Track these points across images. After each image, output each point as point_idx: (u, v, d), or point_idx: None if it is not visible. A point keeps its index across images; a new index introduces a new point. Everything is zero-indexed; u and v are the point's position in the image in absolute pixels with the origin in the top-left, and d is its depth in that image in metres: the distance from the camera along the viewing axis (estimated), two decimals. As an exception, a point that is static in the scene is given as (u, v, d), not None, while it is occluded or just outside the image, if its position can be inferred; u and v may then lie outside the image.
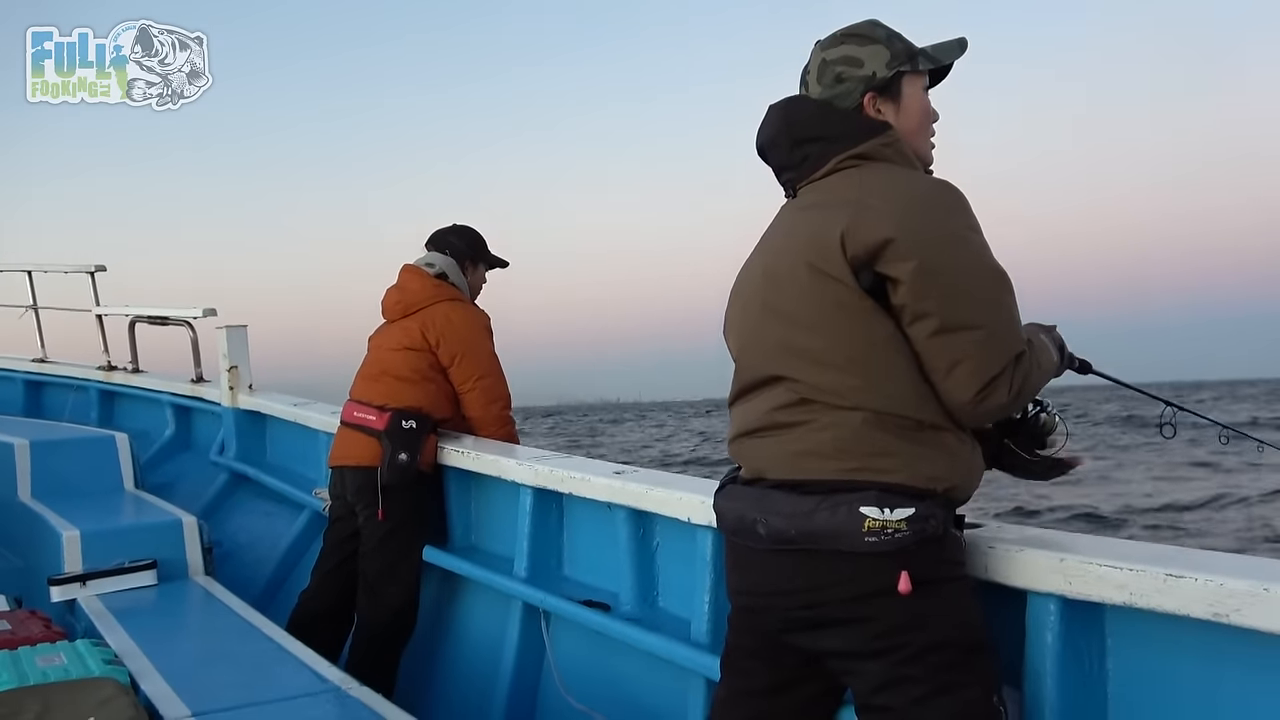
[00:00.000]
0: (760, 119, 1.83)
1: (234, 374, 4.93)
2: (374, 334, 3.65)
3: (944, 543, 1.59)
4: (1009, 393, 1.59)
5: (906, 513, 1.54)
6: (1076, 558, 1.63)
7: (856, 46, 1.74)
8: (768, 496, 1.65)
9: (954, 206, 1.62)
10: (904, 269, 1.56)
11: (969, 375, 1.57)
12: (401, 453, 3.32)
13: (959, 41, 1.81)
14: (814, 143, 1.73)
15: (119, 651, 2.67)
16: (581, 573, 3.03)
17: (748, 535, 1.68)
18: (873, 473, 1.56)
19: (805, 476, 1.60)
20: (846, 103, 1.73)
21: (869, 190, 1.63)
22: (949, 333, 1.57)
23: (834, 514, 1.55)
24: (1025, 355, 1.63)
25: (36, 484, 4.32)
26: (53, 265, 6.55)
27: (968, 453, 1.65)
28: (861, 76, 1.73)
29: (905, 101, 1.76)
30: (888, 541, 1.53)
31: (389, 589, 3.35)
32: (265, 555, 4.47)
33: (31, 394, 6.71)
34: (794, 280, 1.66)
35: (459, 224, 3.74)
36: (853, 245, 1.58)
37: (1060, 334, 1.88)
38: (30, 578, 3.78)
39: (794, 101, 1.79)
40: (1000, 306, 1.61)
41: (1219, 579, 1.46)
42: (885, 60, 1.73)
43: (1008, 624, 1.75)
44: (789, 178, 1.79)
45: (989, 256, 1.62)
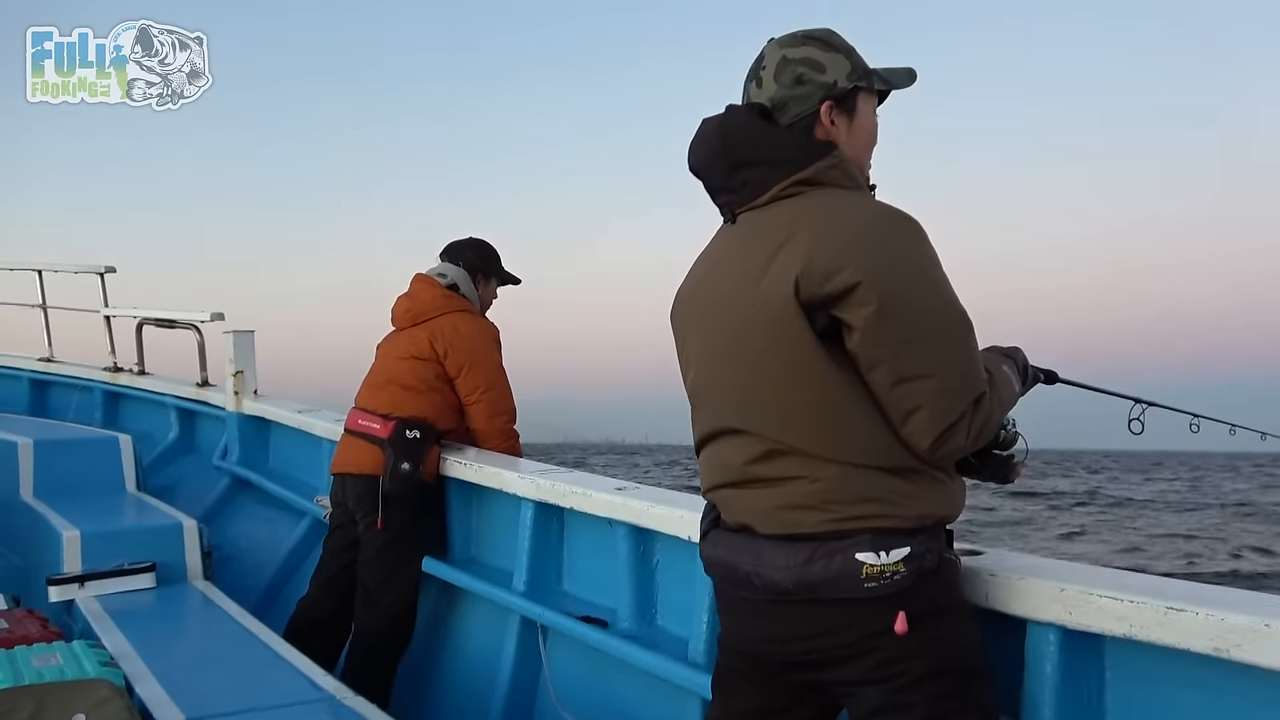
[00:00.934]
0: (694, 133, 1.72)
1: (239, 379, 4.94)
2: (382, 341, 3.65)
3: (940, 572, 1.57)
4: (967, 437, 1.55)
5: (903, 553, 1.52)
6: (1077, 588, 1.62)
7: (820, 51, 1.66)
8: (758, 549, 1.60)
9: (910, 239, 1.55)
10: (859, 315, 1.50)
11: (925, 423, 1.52)
12: (404, 462, 3.32)
13: (909, 71, 1.75)
14: (755, 166, 1.63)
15: (115, 654, 2.66)
16: (580, 588, 3.03)
17: (741, 586, 1.64)
18: (862, 519, 1.53)
19: (795, 531, 1.56)
20: (803, 107, 1.64)
21: (820, 225, 1.54)
22: (905, 382, 1.51)
23: (830, 563, 1.52)
24: (985, 397, 1.58)
25: (39, 483, 4.32)
26: (63, 265, 6.57)
27: (951, 482, 1.63)
28: (823, 82, 1.64)
29: (859, 118, 1.68)
30: (887, 585, 1.51)
31: (387, 598, 3.35)
32: (265, 561, 4.47)
33: (37, 393, 6.72)
34: (748, 327, 1.59)
35: (475, 237, 3.75)
36: (807, 288, 1.51)
37: (1023, 354, 1.84)
38: (29, 577, 3.78)
39: (732, 117, 1.67)
40: (959, 349, 1.55)
41: (1220, 613, 1.45)
42: (847, 71, 1.66)
43: (1007, 652, 1.75)
44: (727, 200, 1.69)
45: (948, 293, 1.55)
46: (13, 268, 6.87)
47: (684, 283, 1.81)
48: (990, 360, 1.69)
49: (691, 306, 1.75)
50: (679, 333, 1.80)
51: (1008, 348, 1.84)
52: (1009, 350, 1.83)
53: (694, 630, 2.43)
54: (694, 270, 1.79)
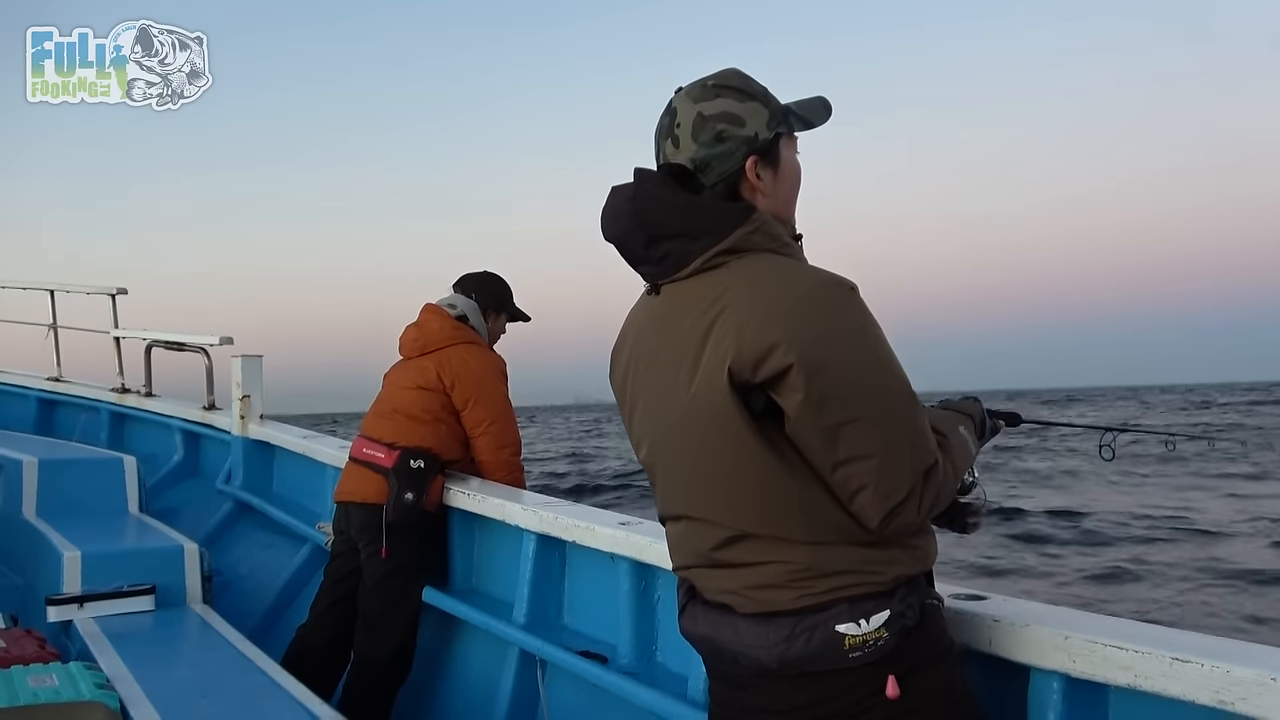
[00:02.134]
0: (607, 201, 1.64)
1: (246, 403, 4.95)
2: (389, 371, 3.66)
3: (924, 624, 1.53)
4: (918, 511, 1.49)
5: (883, 617, 1.49)
6: (1082, 636, 1.61)
7: (736, 102, 1.58)
8: (736, 627, 1.56)
9: (843, 311, 1.48)
10: (793, 400, 1.44)
11: (871, 502, 1.46)
12: (408, 492, 3.32)
13: (823, 102, 1.67)
14: (673, 239, 1.55)
15: (111, 676, 2.65)
16: (581, 622, 3.01)
17: (727, 663, 1.62)
18: (837, 590, 1.49)
19: (771, 609, 1.53)
20: (726, 165, 1.57)
21: (749, 304, 1.47)
22: (845, 464, 1.45)
23: (811, 639, 1.49)
24: (936, 468, 1.51)
25: (42, 502, 4.32)
26: (74, 286, 6.61)
27: (922, 540, 1.58)
28: (744, 137, 1.57)
29: (783, 165, 1.62)
30: (872, 652, 1.49)
31: (387, 628, 3.33)
32: (265, 586, 4.46)
33: (44, 412, 6.74)
34: (688, 421, 1.54)
35: (489, 271, 3.78)
36: (740, 375, 1.46)
37: (980, 406, 1.80)
38: (28, 596, 3.78)
39: (644, 188, 1.59)
40: (901, 426, 1.48)
41: (1225, 665, 1.44)
42: (765, 120, 1.59)
43: (1010, 699, 1.73)
44: (649, 272, 1.63)
45: (887, 367, 1.48)
46: (25, 287, 6.92)
47: (617, 351, 1.75)
48: (944, 422, 1.64)
49: (629, 382, 1.70)
50: (621, 401, 1.75)
51: (961, 403, 1.79)
52: (963, 406, 1.78)
53: (694, 668, 2.42)
54: (625, 340, 1.73)
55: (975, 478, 1.77)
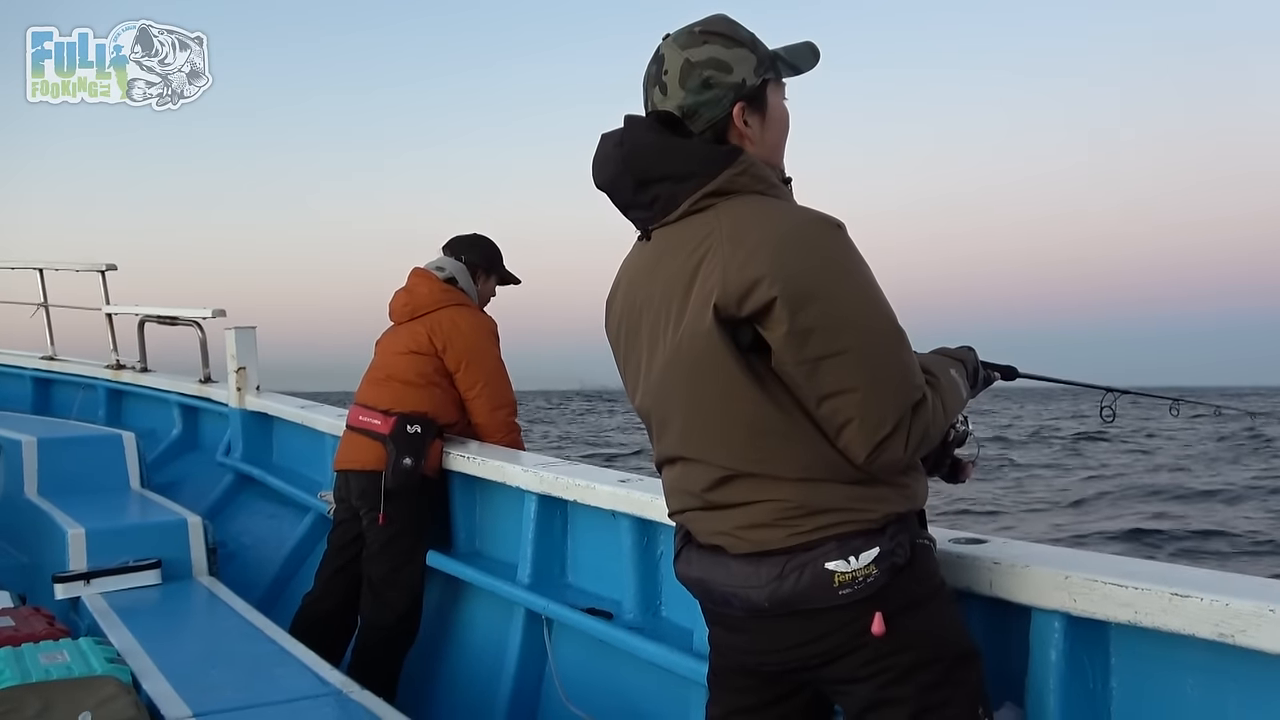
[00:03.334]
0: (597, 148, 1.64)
1: (242, 375, 4.94)
2: (381, 337, 3.65)
3: (914, 563, 1.54)
4: (905, 447, 1.49)
5: (872, 554, 1.50)
6: (1081, 574, 1.62)
7: (722, 48, 1.58)
8: (729, 568, 1.58)
9: (830, 246, 1.49)
10: (778, 333, 1.45)
11: (857, 436, 1.47)
12: (406, 457, 3.32)
13: (811, 48, 1.67)
14: (661, 183, 1.56)
15: (121, 650, 2.67)
16: (585, 580, 3.03)
17: (720, 603, 1.64)
18: (826, 529, 1.51)
19: (762, 548, 1.54)
20: (714, 111, 1.57)
21: (734, 241, 1.48)
22: (831, 397, 1.46)
23: (801, 577, 1.50)
24: (924, 403, 1.52)
25: (43, 481, 4.33)
26: (64, 264, 6.58)
27: (911, 479, 1.59)
28: (731, 83, 1.57)
29: (771, 112, 1.62)
30: (861, 589, 1.50)
31: (392, 593, 3.35)
32: (269, 557, 4.48)
33: (40, 391, 6.73)
34: (678, 360, 1.55)
35: (478, 234, 3.75)
36: (726, 310, 1.47)
37: (974, 354, 1.80)
38: (35, 575, 3.80)
39: (632, 132, 1.60)
40: (887, 358, 1.48)
41: (1225, 599, 1.45)
42: (753, 66, 1.59)
43: (1011, 640, 1.75)
44: (639, 217, 1.64)
45: (874, 301, 1.49)
46: (14, 266, 6.88)
47: (611, 300, 1.76)
48: (935, 364, 1.65)
49: (623, 328, 1.72)
50: (616, 350, 1.76)
51: (956, 349, 1.80)
52: (958, 352, 1.78)
53: (698, 621, 2.43)
54: (618, 288, 1.74)
55: (969, 427, 1.77)
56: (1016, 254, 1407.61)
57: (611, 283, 1.78)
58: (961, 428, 1.75)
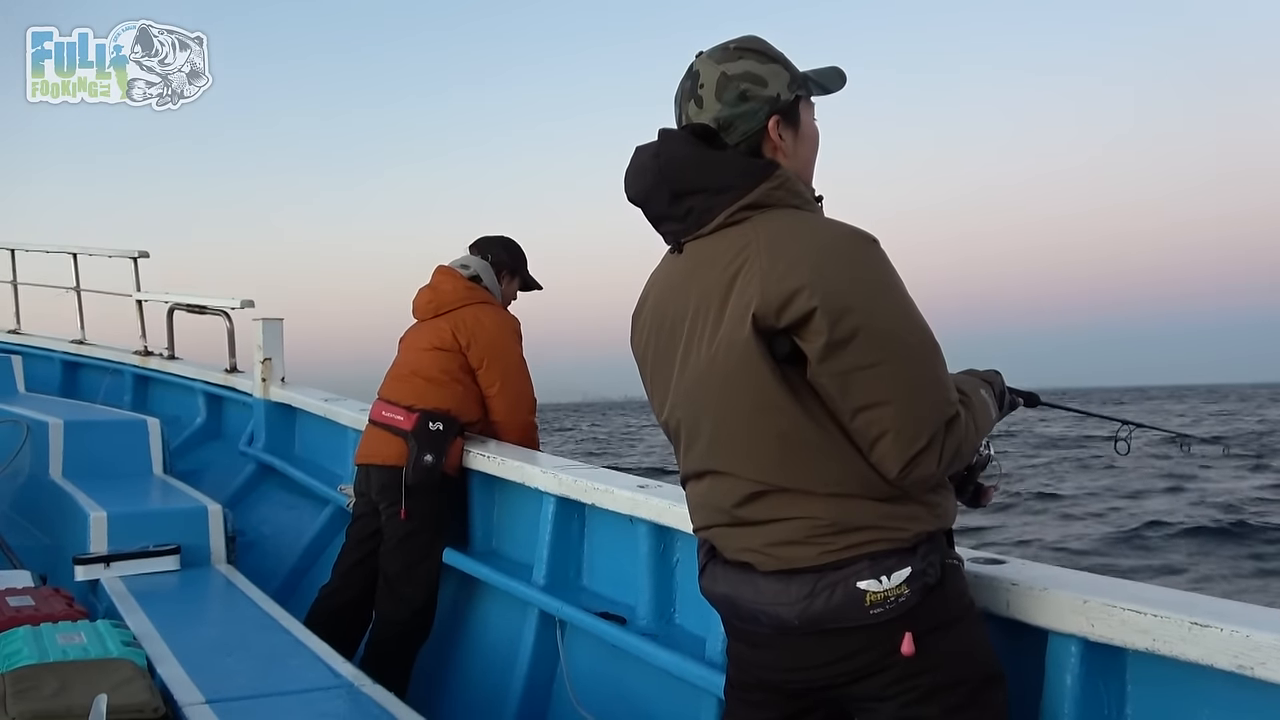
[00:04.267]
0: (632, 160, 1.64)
1: (267, 366, 4.98)
2: (405, 334, 3.67)
3: (945, 583, 1.54)
4: (938, 463, 1.49)
5: (904, 574, 1.49)
6: (1100, 599, 1.61)
7: (758, 63, 1.60)
8: (757, 585, 1.57)
9: (867, 260, 1.49)
10: (816, 344, 1.45)
11: (891, 449, 1.46)
12: (427, 454, 3.33)
13: (839, 72, 1.69)
14: (697, 195, 1.56)
15: (138, 634, 2.69)
16: (600, 584, 3.03)
17: (747, 621, 1.62)
18: (858, 547, 1.50)
19: (792, 566, 1.53)
20: (750, 124, 1.58)
21: (772, 252, 1.49)
22: (866, 409, 1.46)
23: (832, 595, 1.50)
24: (958, 420, 1.52)
25: (68, 463, 4.38)
26: (97, 250, 6.65)
27: (942, 498, 1.59)
28: (767, 97, 1.59)
29: (803, 128, 1.64)
30: (893, 608, 1.49)
31: (408, 589, 3.36)
32: (288, 547, 4.51)
33: (69, 374, 6.81)
34: (712, 371, 1.54)
35: (506, 236, 3.77)
36: (765, 320, 1.47)
37: (1001, 378, 1.80)
38: (56, 555, 3.83)
39: (668, 145, 1.60)
40: (923, 372, 1.49)
41: (1245, 630, 1.44)
42: (786, 82, 1.61)
43: (1027, 662, 1.73)
44: (672, 230, 1.63)
45: (910, 314, 1.49)
46: (49, 250, 6.97)
47: (639, 313, 1.76)
48: (967, 384, 1.65)
49: (652, 341, 1.71)
50: (642, 366, 1.76)
51: (985, 372, 1.80)
52: (986, 375, 1.78)
53: (712, 629, 2.43)
54: (647, 301, 1.74)
55: (992, 451, 1.76)
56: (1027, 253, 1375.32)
57: (638, 299, 1.77)
58: (985, 451, 1.74)
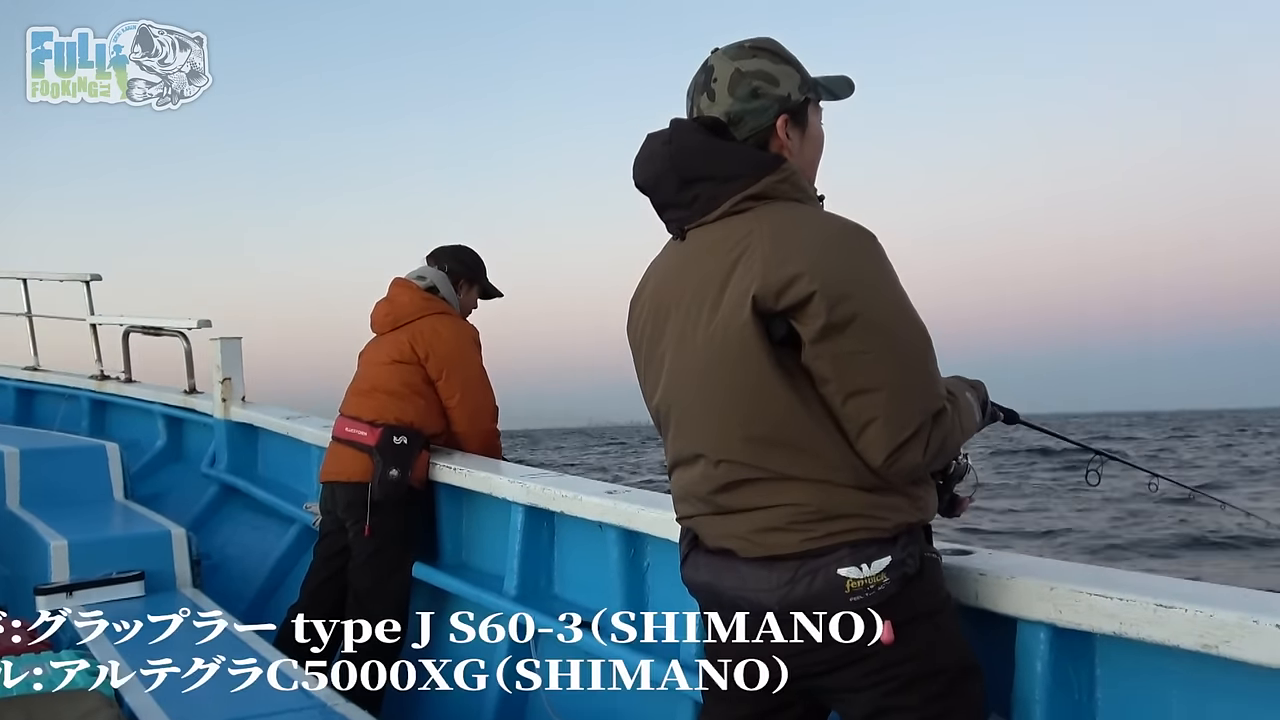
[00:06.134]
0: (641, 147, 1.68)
1: (227, 385, 4.92)
2: (364, 348, 3.65)
3: (923, 575, 1.56)
4: (924, 453, 1.52)
5: (884, 563, 1.52)
6: (1067, 586, 1.63)
7: (771, 63, 1.64)
8: (739, 572, 1.59)
9: (866, 251, 1.53)
10: (813, 327, 1.48)
11: (879, 436, 1.50)
12: (393, 469, 3.31)
13: (848, 81, 1.73)
14: (704, 182, 1.60)
15: (103, 663, 2.65)
16: (571, 591, 3.03)
17: (727, 609, 1.64)
18: (839, 535, 1.52)
19: (774, 553, 1.55)
20: (759, 120, 1.62)
21: (775, 238, 1.53)
22: (857, 395, 1.49)
23: (813, 582, 1.52)
24: (945, 414, 1.55)
25: (26, 493, 4.29)
26: (48, 274, 6.54)
27: (924, 491, 1.62)
28: (778, 96, 1.63)
29: (810, 130, 1.68)
30: (872, 596, 1.51)
31: (378, 604, 3.34)
32: (254, 568, 4.45)
33: (23, 402, 6.68)
34: (707, 353, 1.57)
35: (462, 245, 3.75)
36: (764, 302, 1.50)
37: (985, 389, 1.83)
38: (16, 586, 3.76)
39: (680, 133, 1.64)
40: (914, 362, 1.53)
41: (1209, 610, 1.46)
42: (797, 84, 1.65)
43: (996, 651, 1.75)
44: (676, 217, 1.67)
45: (904, 306, 1.54)
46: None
47: (637, 299, 1.78)
48: (954, 385, 1.69)
49: (648, 327, 1.73)
50: (637, 352, 1.78)
51: (971, 379, 1.83)
52: (973, 382, 1.82)
53: (685, 633, 2.43)
54: (646, 287, 1.76)
55: (970, 462, 1.78)
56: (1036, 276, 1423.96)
57: (636, 286, 1.80)
58: (964, 461, 1.77)
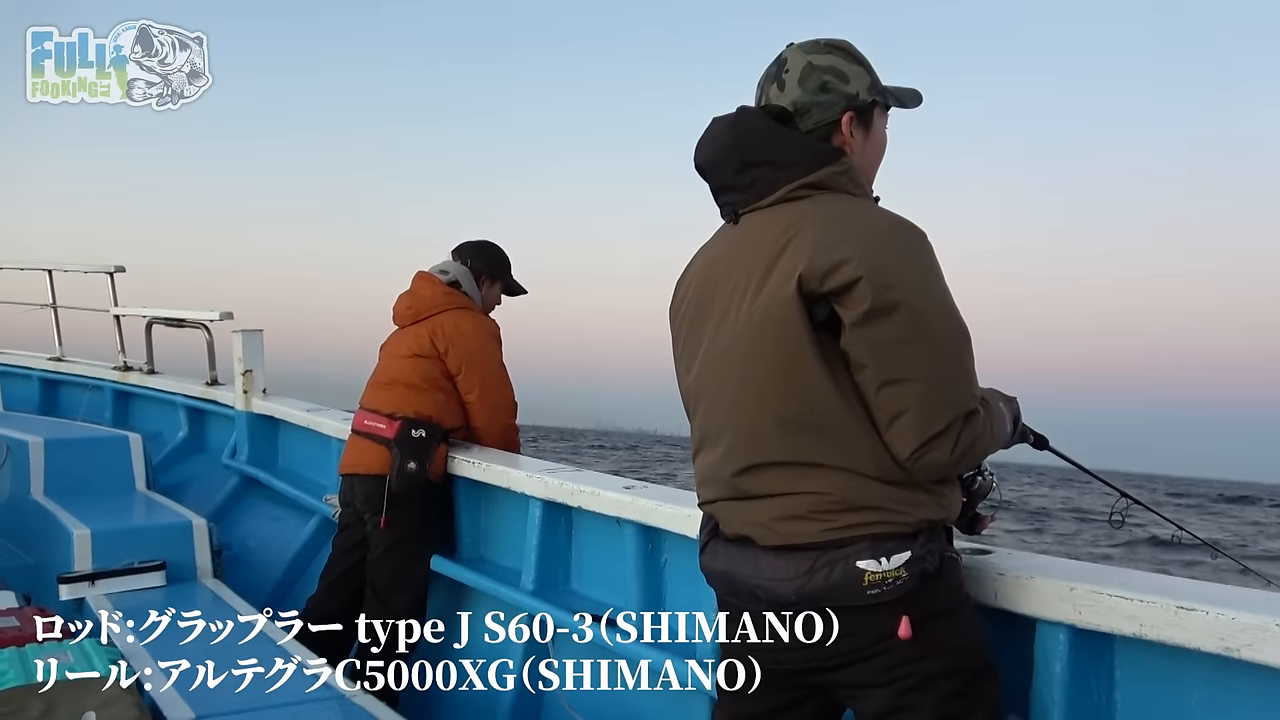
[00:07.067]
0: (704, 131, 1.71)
1: (248, 378, 4.95)
2: (385, 341, 3.66)
3: (943, 573, 1.56)
4: (952, 451, 1.52)
5: (903, 557, 1.51)
6: (1087, 587, 1.62)
7: (844, 61, 1.67)
8: (758, 561, 1.59)
9: (915, 245, 1.55)
10: (855, 311, 1.48)
11: (909, 428, 1.50)
12: (410, 462, 3.32)
13: (917, 93, 1.74)
14: (764, 166, 1.62)
15: (125, 652, 2.67)
16: (589, 587, 3.03)
17: (744, 598, 1.64)
18: (860, 527, 1.52)
19: (794, 542, 1.55)
20: (825, 114, 1.64)
21: (825, 224, 1.54)
22: (891, 384, 1.50)
23: (831, 573, 1.52)
24: (977, 415, 1.55)
25: (50, 482, 4.33)
26: (72, 265, 6.60)
27: (948, 490, 1.61)
28: (846, 93, 1.65)
29: (874, 132, 1.70)
30: (890, 590, 1.51)
31: (396, 597, 3.35)
32: (274, 560, 4.48)
33: (47, 392, 6.75)
34: (748, 331, 1.58)
35: (487, 240, 3.75)
36: (809, 283, 1.51)
37: (1019, 406, 1.82)
38: (40, 575, 3.80)
39: (745, 117, 1.66)
40: (953, 358, 1.53)
41: (1231, 613, 1.45)
42: (867, 85, 1.67)
43: (1015, 651, 1.74)
44: (732, 200, 1.68)
45: (948, 302, 1.54)
46: (23, 267, 6.91)
47: (682, 280, 1.80)
48: (988, 393, 1.68)
49: (691, 307, 1.74)
50: (677, 332, 1.79)
51: (1007, 394, 1.82)
52: (1008, 397, 1.81)
53: (701, 629, 2.43)
54: (693, 268, 1.78)
55: (995, 481, 1.77)
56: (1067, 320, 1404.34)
57: (684, 268, 1.81)
58: (989, 478, 1.76)
